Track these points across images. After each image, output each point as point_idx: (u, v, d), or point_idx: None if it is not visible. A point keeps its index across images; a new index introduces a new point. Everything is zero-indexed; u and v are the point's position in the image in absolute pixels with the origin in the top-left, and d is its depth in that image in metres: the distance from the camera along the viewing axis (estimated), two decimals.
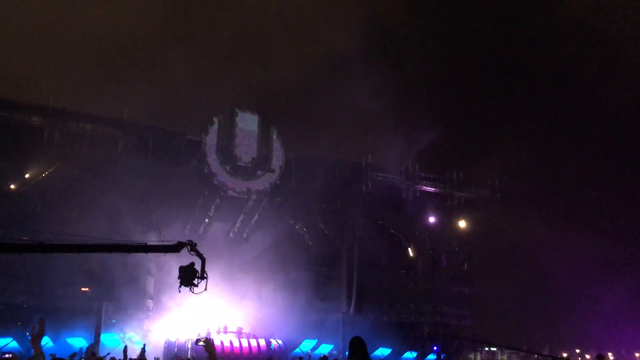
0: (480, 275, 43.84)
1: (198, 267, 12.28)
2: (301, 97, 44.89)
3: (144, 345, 24.40)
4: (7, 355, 23.66)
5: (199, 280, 11.81)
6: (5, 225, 29.87)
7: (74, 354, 21.44)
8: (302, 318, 37.39)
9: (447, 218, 42.11)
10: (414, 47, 55.19)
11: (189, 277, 11.65)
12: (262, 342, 32.68)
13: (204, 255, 13.02)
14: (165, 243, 12.24)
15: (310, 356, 32.57)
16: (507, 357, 46.24)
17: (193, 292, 11.67)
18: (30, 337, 8.21)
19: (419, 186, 40.46)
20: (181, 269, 11.70)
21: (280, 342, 33.94)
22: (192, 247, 12.28)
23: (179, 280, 11.59)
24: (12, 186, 32.74)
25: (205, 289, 11.82)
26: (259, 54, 41.66)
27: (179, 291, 11.84)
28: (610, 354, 40.26)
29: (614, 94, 49.41)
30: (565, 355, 42.96)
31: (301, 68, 42.05)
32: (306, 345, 37.52)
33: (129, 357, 16.45)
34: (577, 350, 48.91)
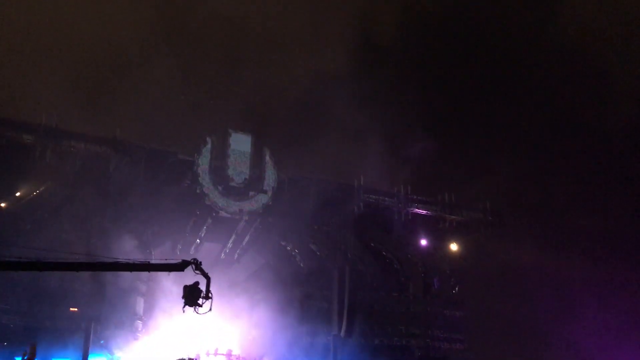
0: (472, 299, 43.69)
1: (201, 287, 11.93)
2: (294, 118, 45.04)
3: None
4: None
5: (204, 300, 11.44)
6: None
7: None
8: (293, 340, 37.05)
9: (439, 241, 42.12)
10: (407, 67, 55.69)
11: (193, 296, 11.29)
12: None
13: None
14: (169, 262, 11.96)
15: None
16: None
17: (197, 313, 11.31)
18: None
19: (411, 209, 40.53)
20: (185, 288, 11.36)
21: None
22: (197, 265, 11.96)
23: (183, 300, 11.22)
24: (2, 204, 32.53)
25: (210, 309, 11.46)
26: (250, 74, 41.90)
27: (183, 311, 11.43)
28: None
29: (609, 116, 49.96)
30: None
31: (293, 88, 42.27)
32: None
33: None
34: None
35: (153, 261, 12.27)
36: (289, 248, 40.70)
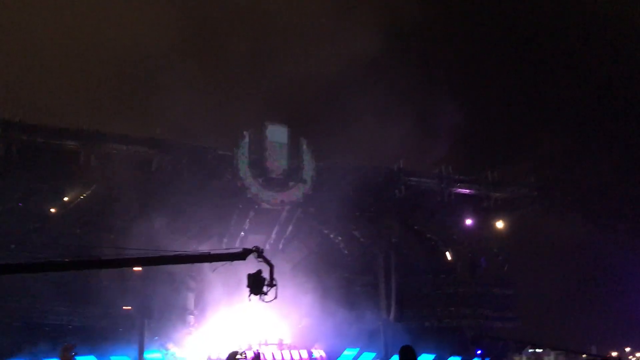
0: (522, 276, 42.95)
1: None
2: (328, 106, 44.86)
3: None
4: None
5: (268, 288, 11.45)
6: (46, 248, 30.50)
7: None
8: (342, 327, 37.19)
9: (485, 220, 41.46)
10: (440, 44, 54.72)
11: (257, 285, 11.32)
12: (304, 353, 32.65)
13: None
14: (230, 251, 12.01)
15: None
16: (554, 358, 45.17)
17: (264, 301, 11.34)
18: None
19: (454, 189, 39.98)
20: (250, 276, 11.41)
21: (322, 352, 33.82)
22: (260, 253, 11.88)
23: (249, 289, 11.27)
24: (52, 209, 33.49)
25: (275, 297, 11.44)
26: (281, 65, 41.76)
27: (249, 300, 11.47)
28: None
29: None
30: (615, 354, 41.83)
31: (324, 76, 41.99)
32: (348, 355, 37.29)
33: None
34: (628, 349, 47.49)
35: (213, 251, 12.26)
36: (332, 236, 40.73)
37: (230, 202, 35.92)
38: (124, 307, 32.76)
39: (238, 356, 8.33)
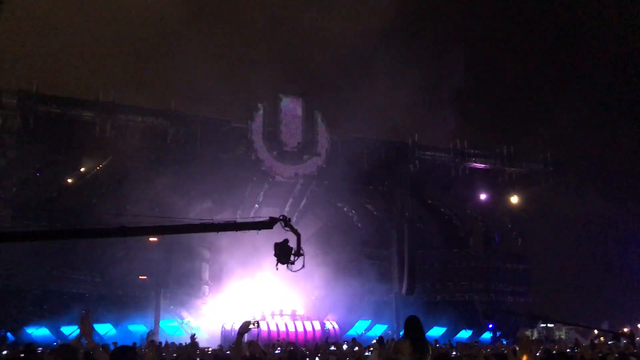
0: (535, 251, 42.90)
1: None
2: (343, 79, 44.52)
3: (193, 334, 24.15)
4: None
5: (295, 257, 11.28)
6: (64, 218, 30.89)
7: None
8: (355, 299, 37.52)
9: (499, 194, 41.31)
10: (456, 16, 53.91)
11: (285, 253, 11.14)
12: (317, 324, 32.98)
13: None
14: (257, 219, 11.85)
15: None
16: (566, 333, 45.32)
17: (291, 270, 11.17)
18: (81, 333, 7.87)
19: (468, 163, 39.78)
20: (276, 245, 11.18)
21: (334, 323, 34.17)
22: (287, 222, 11.42)
23: (276, 258, 11.14)
24: (68, 180, 33.83)
25: (303, 266, 11.25)
26: (296, 33, 41.33)
27: (277, 269, 11.34)
28: None
29: None
30: (626, 330, 41.78)
31: (340, 47, 41.58)
32: (360, 326, 37.67)
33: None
34: None
35: (239, 220, 12.05)
36: (345, 209, 40.81)
37: (244, 175, 36.01)
38: (140, 277, 33.21)
39: (251, 325, 8.09)
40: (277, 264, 11.10)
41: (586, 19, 54.24)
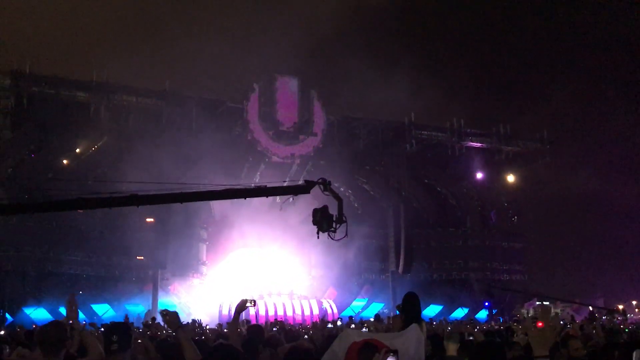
0: (531, 230, 43.10)
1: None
2: (339, 58, 44.23)
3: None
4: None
5: (337, 224, 10.05)
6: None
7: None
8: (352, 279, 37.67)
9: (495, 173, 41.35)
10: None
11: (326, 221, 9.92)
12: (314, 304, 33.14)
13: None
14: (292, 184, 10.74)
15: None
16: (561, 310, 45.67)
17: (333, 239, 10.01)
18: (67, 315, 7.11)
19: (465, 142, 39.71)
20: (316, 212, 9.85)
21: (331, 302, 34.35)
22: (326, 186, 10.13)
23: (316, 226, 9.93)
24: (64, 161, 33.67)
25: (346, 235, 10.10)
26: (293, 8, 40.86)
27: (318, 237, 10.21)
28: None
29: None
30: (621, 307, 42.14)
31: (335, 25, 41.20)
32: (357, 305, 37.88)
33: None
34: (634, 302, 47.85)
35: (270, 184, 10.58)
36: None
37: (240, 155, 35.90)
38: (137, 257, 33.25)
39: (248, 304, 7.28)
40: (317, 233, 9.99)
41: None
